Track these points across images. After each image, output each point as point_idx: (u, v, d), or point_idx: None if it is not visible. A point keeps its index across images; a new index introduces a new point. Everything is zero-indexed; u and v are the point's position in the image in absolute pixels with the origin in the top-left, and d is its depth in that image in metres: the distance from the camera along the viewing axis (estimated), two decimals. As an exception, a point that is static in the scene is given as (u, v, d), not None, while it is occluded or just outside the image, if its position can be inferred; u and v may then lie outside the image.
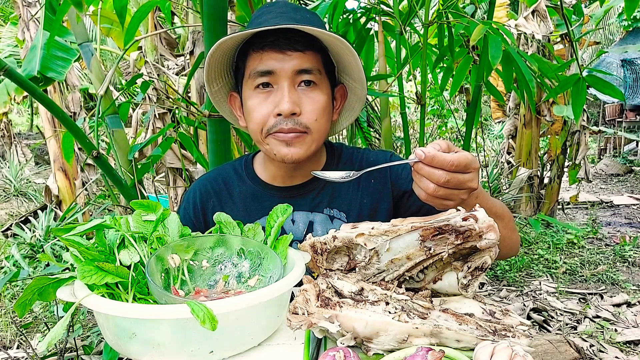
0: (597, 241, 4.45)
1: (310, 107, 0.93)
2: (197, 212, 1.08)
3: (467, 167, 0.72)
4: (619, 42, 10.37)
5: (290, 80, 0.92)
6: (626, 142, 10.55)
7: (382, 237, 0.76)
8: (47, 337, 0.63)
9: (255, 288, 0.79)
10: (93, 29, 6.28)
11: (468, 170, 0.72)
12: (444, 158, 0.70)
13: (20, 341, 2.65)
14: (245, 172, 1.10)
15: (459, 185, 0.72)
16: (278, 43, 0.90)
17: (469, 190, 0.74)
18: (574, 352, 1.79)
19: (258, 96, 0.94)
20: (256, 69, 0.92)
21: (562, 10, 1.97)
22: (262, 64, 0.91)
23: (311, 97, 0.94)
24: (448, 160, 0.70)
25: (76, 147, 4.06)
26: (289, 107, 0.90)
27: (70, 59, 1.96)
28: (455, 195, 0.74)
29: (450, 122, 5.59)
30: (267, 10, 0.98)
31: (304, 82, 0.93)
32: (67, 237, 0.71)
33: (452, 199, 0.74)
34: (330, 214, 1.05)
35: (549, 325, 2.74)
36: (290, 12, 0.96)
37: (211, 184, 1.10)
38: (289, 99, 0.90)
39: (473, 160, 0.73)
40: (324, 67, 0.97)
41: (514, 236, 0.96)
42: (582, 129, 4.80)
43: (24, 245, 3.92)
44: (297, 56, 0.91)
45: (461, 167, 0.71)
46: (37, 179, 7.42)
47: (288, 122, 0.92)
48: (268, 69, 0.91)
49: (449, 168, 0.70)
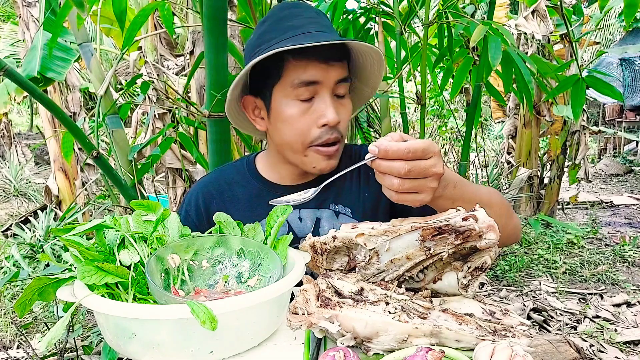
0: (597, 241, 4.45)
1: (345, 115, 0.96)
2: (200, 215, 1.08)
3: (424, 152, 0.70)
4: (619, 42, 10.37)
5: (331, 90, 0.93)
6: (626, 142, 10.56)
7: (382, 237, 0.76)
8: (47, 337, 0.63)
9: (255, 288, 0.79)
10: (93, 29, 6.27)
11: (427, 155, 0.70)
12: (398, 147, 0.68)
13: (20, 341, 2.65)
14: (248, 172, 1.10)
15: (423, 173, 0.70)
16: (322, 53, 0.90)
17: (435, 176, 0.72)
18: (574, 352, 1.79)
19: (300, 106, 0.93)
20: (300, 79, 0.91)
21: (562, 10, 1.97)
22: (307, 74, 0.91)
23: (344, 105, 0.96)
24: (403, 148, 0.68)
25: (76, 147, 4.06)
26: (335, 117, 0.91)
27: (70, 59, 1.97)
28: (423, 186, 0.72)
29: (450, 122, 5.58)
30: (293, 12, 0.96)
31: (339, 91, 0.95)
32: (67, 237, 0.71)
33: (421, 190, 0.72)
34: (335, 210, 1.05)
35: (549, 325, 2.74)
36: (317, 17, 0.96)
37: (213, 186, 1.10)
38: (334, 109, 0.92)
39: (430, 145, 0.70)
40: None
41: (510, 222, 0.92)
42: (582, 129, 4.80)
43: (24, 245, 3.92)
44: (339, 66, 0.92)
45: (418, 153, 0.69)
46: (37, 179, 7.42)
47: (333, 132, 0.93)
48: (314, 80, 0.91)
49: (406, 156, 0.68)
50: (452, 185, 0.80)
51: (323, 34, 0.92)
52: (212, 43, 1.31)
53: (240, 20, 1.91)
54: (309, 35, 0.90)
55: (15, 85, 2.29)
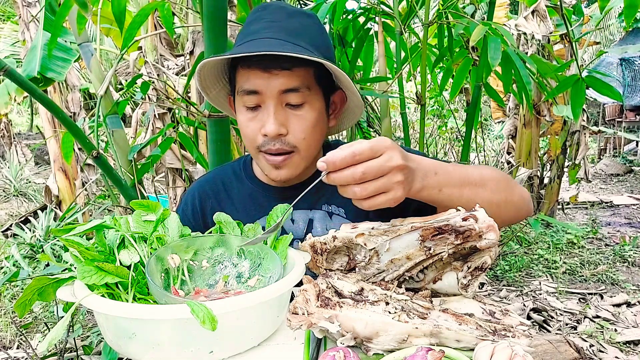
0: (597, 241, 4.45)
1: (298, 127, 0.90)
2: (195, 214, 1.08)
3: (373, 150, 0.66)
4: (619, 42, 10.37)
5: (276, 99, 0.88)
6: (626, 142, 10.56)
7: (382, 237, 0.76)
8: (47, 337, 0.63)
9: (255, 288, 0.79)
10: (93, 29, 6.27)
11: (378, 153, 0.67)
12: (343, 154, 0.65)
13: (20, 341, 2.65)
14: (244, 172, 1.10)
15: (379, 171, 0.67)
16: (263, 61, 0.86)
17: (395, 170, 0.68)
18: (574, 352, 1.78)
19: (247, 114, 0.92)
20: (243, 87, 0.90)
21: (562, 10, 1.97)
22: (248, 83, 0.89)
23: (299, 116, 0.91)
24: (348, 153, 0.65)
25: (76, 147, 4.06)
26: (274, 129, 0.88)
27: (70, 59, 1.97)
28: (387, 183, 0.68)
29: (450, 122, 5.58)
30: (259, 16, 0.94)
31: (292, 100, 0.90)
32: (67, 237, 0.71)
33: (387, 188, 0.68)
34: (328, 210, 1.04)
35: (549, 325, 2.74)
36: (284, 19, 0.92)
37: (209, 186, 1.10)
38: (274, 120, 0.88)
39: (377, 142, 0.67)
40: (316, 80, 0.92)
41: (513, 195, 0.86)
42: (582, 129, 4.80)
43: (24, 245, 3.92)
44: (284, 75, 0.87)
45: (366, 153, 0.66)
46: (37, 179, 7.42)
47: (275, 143, 0.90)
48: (254, 89, 0.88)
49: (355, 161, 0.66)
50: (432, 173, 0.76)
51: (273, 41, 0.87)
52: (212, 43, 1.31)
53: (240, 20, 1.91)
54: (254, 43, 0.88)
55: (15, 85, 2.29)
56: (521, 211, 0.89)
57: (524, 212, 0.90)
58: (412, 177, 0.72)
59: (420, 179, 0.74)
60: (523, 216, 0.91)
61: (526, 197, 0.90)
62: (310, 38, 0.91)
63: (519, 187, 0.89)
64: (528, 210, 0.91)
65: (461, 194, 0.79)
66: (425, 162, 0.76)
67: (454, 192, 0.78)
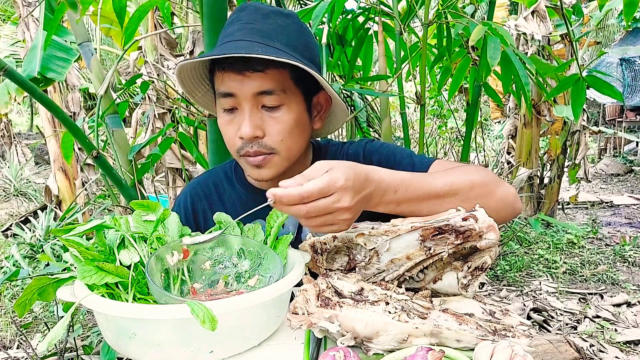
0: (597, 241, 4.45)
1: (275, 129, 0.90)
2: (187, 215, 1.08)
3: (322, 192, 0.66)
4: (619, 42, 10.37)
5: (251, 102, 0.87)
6: (626, 142, 10.56)
7: (382, 237, 0.76)
8: (47, 337, 0.63)
9: (255, 288, 0.79)
10: (93, 29, 6.27)
11: (327, 193, 0.67)
12: (290, 194, 0.66)
13: (20, 341, 2.65)
14: (235, 175, 1.10)
15: (324, 210, 0.67)
16: (237, 64, 0.85)
17: (341, 211, 0.68)
18: (574, 352, 1.79)
19: (225, 117, 0.92)
20: (219, 90, 0.90)
21: (562, 10, 1.97)
22: (224, 86, 0.88)
23: (275, 118, 0.89)
24: (296, 194, 0.65)
25: (76, 147, 4.06)
26: (248, 132, 0.87)
27: (70, 59, 1.97)
28: (332, 219, 0.69)
29: (450, 122, 5.58)
30: (236, 17, 0.93)
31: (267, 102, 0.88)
32: (67, 237, 0.71)
33: (332, 222, 0.69)
34: None
35: (549, 325, 2.74)
36: (259, 21, 0.90)
37: (202, 188, 1.10)
38: (250, 122, 0.87)
39: (329, 182, 0.66)
40: (294, 81, 0.90)
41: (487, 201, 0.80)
42: (582, 129, 4.80)
43: (24, 245, 3.92)
44: (257, 77, 0.86)
45: (314, 195, 0.66)
46: (37, 179, 7.41)
47: (253, 146, 0.90)
48: (228, 91, 0.88)
49: (301, 201, 0.66)
50: (392, 191, 0.75)
51: (245, 42, 0.86)
52: (212, 43, 1.31)
53: (240, 20, 1.90)
54: (227, 46, 0.87)
55: (15, 85, 2.29)
56: (500, 212, 0.84)
57: (505, 213, 0.86)
58: (366, 202, 0.73)
59: (376, 199, 0.74)
60: (505, 217, 0.87)
61: (509, 198, 0.86)
62: (287, 38, 0.90)
63: (502, 187, 0.86)
64: (512, 211, 0.87)
65: (422, 206, 0.78)
66: (386, 181, 0.75)
67: (412, 205, 0.78)
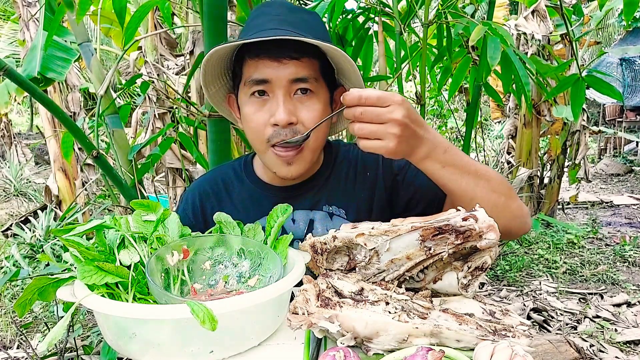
0: (597, 241, 4.45)
1: (307, 116, 0.91)
2: (196, 213, 1.08)
3: (380, 99, 0.73)
4: (619, 42, 10.37)
5: (285, 89, 0.90)
6: (626, 142, 10.55)
7: (382, 237, 0.76)
8: (48, 337, 0.63)
9: (255, 288, 0.79)
10: (94, 29, 6.27)
11: (384, 103, 0.73)
12: (352, 95, 0.74)
13: (20, 341, 2.65)
14: (244, 172, 1.10)
15: (377, 118, 0.74)
16: (273, 50, 0.88)
17: (393, 122, 0.74)
18: (574, 352, 1.79)
19: (254, 104, 0.92)
20: (251, 77, 0.91)
21: (562, 10, 1.97)
22: (258, 72, 0.90)
23: (307, 106, 0.92)
24: (356, 95, 0.73)
25: (76, 147, 4.06)
26: (284, 117, 0.88)
27: (70, 59, 1.96)
28: (383, 132, 0.74)
29: (450, 122, 5.58)
30: (262, 11, 0.96)
31: (300, 90, 0.91)
32: (67, 237, 0.71)
33: (381, 136, 0.75)
34: (329, 211, 1.04)
35: (549, 325, 2.74)
36: (287, 14, 0.94)
37: (210, 185, 1.10)
38: (285, 108, 0.89)
39: (389, 95, 0.74)
40: (321, 72, 0.94)
41: (512, 202, 0.86)
42: (582, 129, 4.80)
43: (24, 245, 3.92)
44: (293, 64, 0.89)
45: (372, 99, 0.73)
46: (37, 179, 7.42)
47: (287, 132, 0.90)
48: (263, 78, 0.89)
49: (360, 102, 0.74)
50: (441, 150, 0.80)
51: (278, 31, 0.88)
52: (212, 43, 1.31)
53: (240, 20, 1.91)
54: (262, 34, 0.89)
55: (15, 85, 2.29)
56: (515, 220, 0.87)
57: (519, 222, 0.89)
58: (416, 142, 0.78)
59: (427, 148, 0.79)
60: (516, 228, 0.89)
61: (524, 210, 0.89)
62: (314, 32, 0.92)
63: (519, 200, 0.90)
64: (524, 225, 0.90)
65: (462, 177, 0.82)
66: (440, 138, 0.81)
67: (455, 173, 0.81)
